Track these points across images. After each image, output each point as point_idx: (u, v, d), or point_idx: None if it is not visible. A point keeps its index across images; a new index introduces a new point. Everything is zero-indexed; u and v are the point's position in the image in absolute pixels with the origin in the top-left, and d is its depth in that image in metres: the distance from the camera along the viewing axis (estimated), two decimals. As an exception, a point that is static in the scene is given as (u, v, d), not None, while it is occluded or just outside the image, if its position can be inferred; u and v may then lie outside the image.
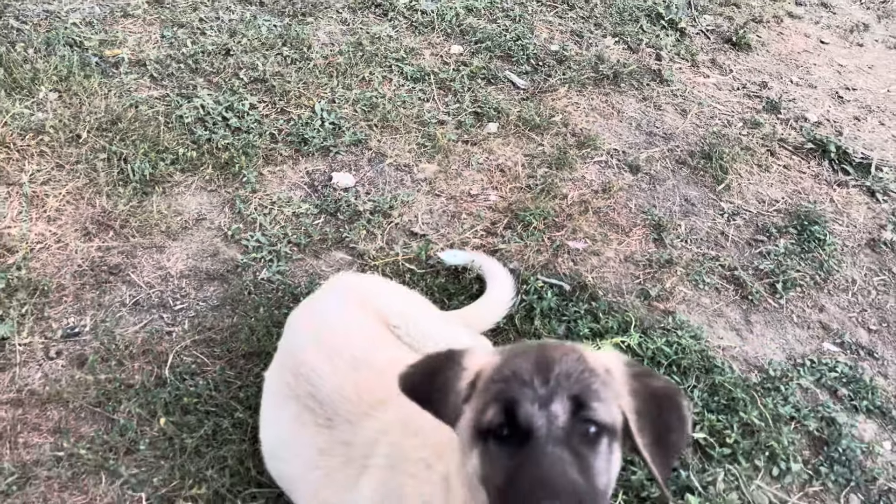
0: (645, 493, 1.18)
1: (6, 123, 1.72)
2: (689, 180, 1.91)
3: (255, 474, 1.17)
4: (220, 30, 2.15)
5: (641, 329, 1.44)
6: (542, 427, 0.75)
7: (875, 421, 1.39)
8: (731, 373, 1.40)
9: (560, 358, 0.76)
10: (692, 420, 1.26)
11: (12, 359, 1.31)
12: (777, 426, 1.32)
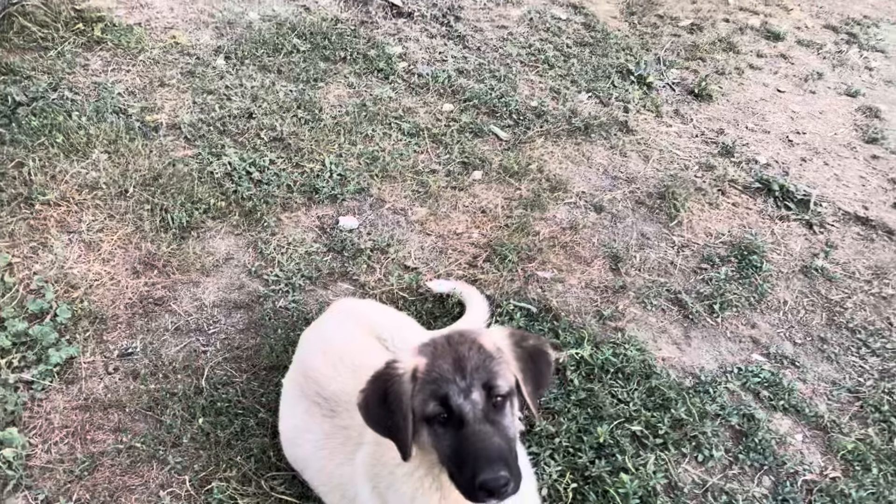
0: (588, 473, 1.47)
1: (66, 181, 2.06)
2: (646, 218, 2.21)
3: (275, 461, 1.46)
4: (243, 95, 2.50)
5: (594, 343, 1.73)
6: (469, 412, 1.05)
7: (790, 417, 1.67)
8: (667, 378, 1.69)
9: (469, 354, 1.06)
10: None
11: (79, 374, 1.63)
12: (703, 421, 1.60)
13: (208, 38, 2.78)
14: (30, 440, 1.47)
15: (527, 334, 1.17)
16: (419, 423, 1.08)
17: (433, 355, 1.10)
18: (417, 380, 1.09)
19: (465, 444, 1.04)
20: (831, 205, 2.36)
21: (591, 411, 1.58)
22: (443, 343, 1.10)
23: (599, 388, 1.63)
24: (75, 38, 2.67)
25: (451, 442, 1.06)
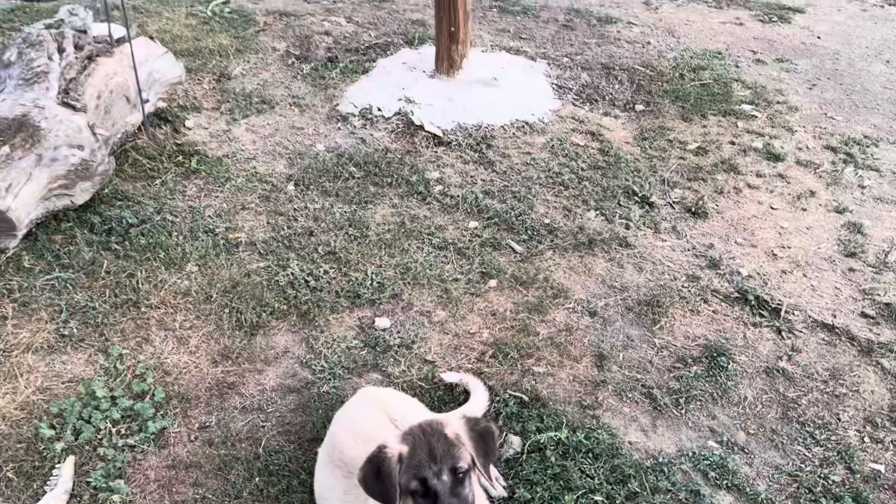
0: None
1: (165, 289, 2.63)
2: (632, 322, 2.63)
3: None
4: (307, 216, 3.07)
5: (571, 428, 2.14)
6: (441, 489, 1.50)
7: (732, 495, 2.02)
8: (630, 458, 2.07)
9: (438, 445, 1.50)
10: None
11: (169, 440, 2.13)
12: (654, 494, 1.97)
13: (282, 168, 3.40)
14: (132, 490, 1.96)
15: (478, 419, 1.62)
16: (404, 495, 1.53)
17: (413, 444, 1.56)
18: (402, 462, 1.54)
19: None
20: (802, 313, 2.72)
21: (562, 483, 1.98)
22: (419, 434, 1.56)
23: (571, 465, 2.02)
24: (176, 169, 3.32)
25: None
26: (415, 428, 1.57)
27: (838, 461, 2.14)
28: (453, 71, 4.02)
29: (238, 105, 3.88)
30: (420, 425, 1.57)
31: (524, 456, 2.04)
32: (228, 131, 3.67)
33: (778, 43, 5.25)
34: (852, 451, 2.17)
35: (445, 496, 1.48)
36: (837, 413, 2.30)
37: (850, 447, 2.18)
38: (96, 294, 2.57)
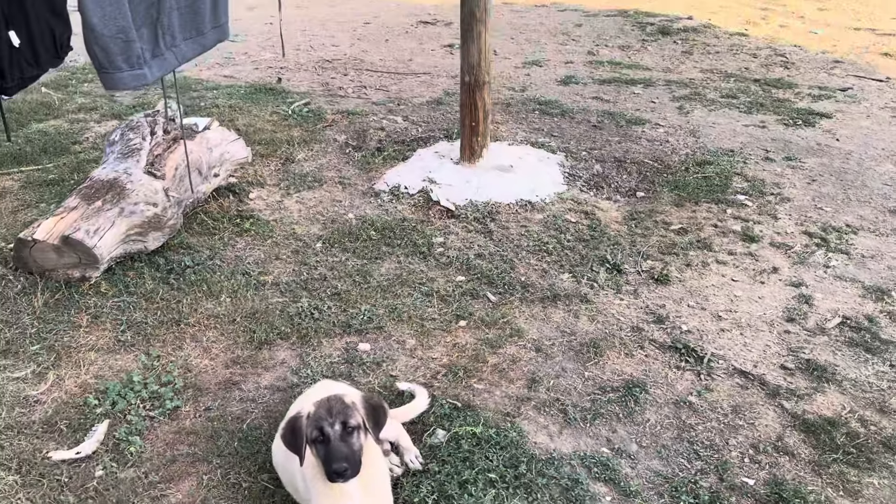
0: (450, 493, 2.36)
1: (201, 313, 3.36)
2: (570, 359, 3.12)
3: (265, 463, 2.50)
4: (325, 266, 3.77)
5: (487, 426, 2.65)
6: (333, 436, 2.06)
7: (607, 486, 2.45)
8: (529, 452, 2.56)
9: (335, 405, 2.08)
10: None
11: (180, 416, 2.78)
12: (539, 477, 2.44)
13: (316, 230, 4.15)
14: (144, 444, 2.62)
15: (371, 395, 2.19)
16: (310, 444, 2.10)
17: (318, 406, 2.14)
18: (309, 418, 2.13)
19: (328, 451, 2.05)
20: (726, 362, 3.13)
21: (467, 463, 2.48)
22: (324, 401, 2.13)
23: (478, 451, 2.52)
24: (232, 228, 4.13)
25: (323, 451, 2.07)
26: (323, 398, 2.16)
27: (713, 472, 2.53)
28: (474, 159, 4.73)
29: (294, 183, 4.72)
30: (328, 396, 2.15)
31: (444, 444, 2.57)
32: (281, 202, 4.48)
33: (793, 144, 5.69)
34: (729, 467, 2.55)
35: (336, 440, 2.04)
36: (727, 439, 2.69)
37: (728, 463, 2.56)
38: (150, 314, 3.33)
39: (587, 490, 2.40)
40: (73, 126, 5.83)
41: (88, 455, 2.53)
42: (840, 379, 3.01)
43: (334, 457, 1.99)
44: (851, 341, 3.26)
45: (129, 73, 2.52)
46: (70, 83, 7.09)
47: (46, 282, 3.46)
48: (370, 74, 7.77)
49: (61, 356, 3.03)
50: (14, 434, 2.62)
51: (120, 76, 2.49)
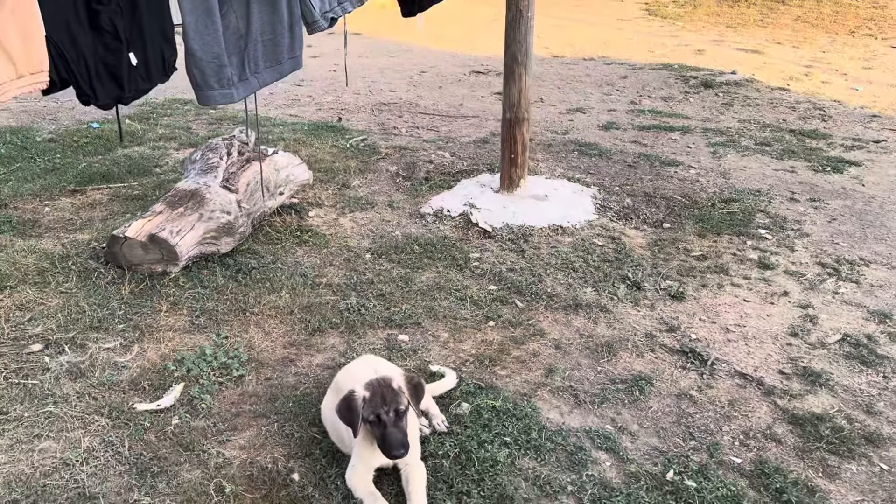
0: (470, 449, 2.75)
1: (264, 304, 3.85)
2: (586, 356, 3.50)
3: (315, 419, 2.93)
4: (372, 273, 4.24)
5: (506, 401, 3.05)
6: (387, 421, 2.46)
7: (606, 454, 2.81)
8: (541, 424, 2.93)
9: (388, 394, 2.51)
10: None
11: (243, 381, 3.25)
12: (548, 443, 2.82)
13: (366, 244, 4.64)
14: (213, 401, 3.08)
15: (412, 374, 2.62)
16: (364, 423, 2.53)
17: (372, 391, 2.56)
18: (365, 403, 2.55)
19: (385, 435, 2.47)
20: (728, 365, 3.47)
21: (486, 428, 2.88)
22: (376, 385, 2.55)
23: (496, 419, 2.92)
24: (293, 240, 4.65)
25: (380, 432, 2.49)
26: (373, 380, 2.58)
27: (704, 451, 2.86)
28: (512, 188, 5.19)
29: (348, 205, 5.24)
30: (377, 379, 2.57)
31: (467, 414, 2.97)
32: (336, 220, 5.00)
33: (819, 187, 6.00)
34: (719, 447, 2.88)
35: (390, 424, 2.45)
36: (721, 426, 3.02)
37: (719, 445, 2.90)
38: (220, 304, 3.84)
39: (589, 455, 2.77)
40: (154, 152, 6.50)
41: (167, 408, 3.00)
42: (833, 384, 3.31)
43: (392, 444, 2.40)
44: (849, 355, 3.56)
45: (220, 91, 3.07)
46: (152, 116, 7.85)
47: (132, 274, 4.01)
48: (423, 116, 8.35)
49: (144, 333, 3.54)
50: (105, 389, 3.12)
51: (212, 94, 3.04)
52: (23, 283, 3.93)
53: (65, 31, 2.56)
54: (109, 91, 2.72)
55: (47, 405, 2.97)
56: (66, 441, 2.78)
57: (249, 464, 2.68)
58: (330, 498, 2.52)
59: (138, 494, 2.51)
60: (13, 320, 3.58)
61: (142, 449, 2.75)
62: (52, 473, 2.61)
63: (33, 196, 5.27)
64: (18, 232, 4.61)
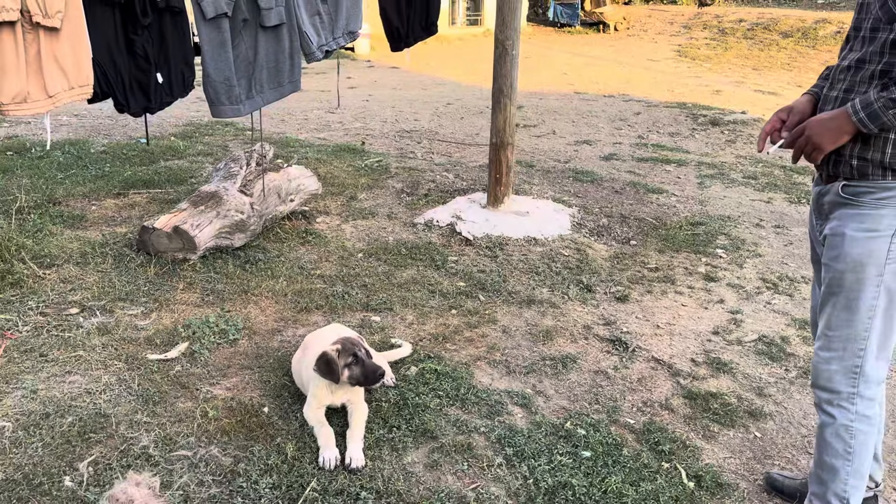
0: (405, 402, 3.40)
1: (263, 288, 4.58)
2: (527, 339, 4.11)
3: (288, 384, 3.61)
4: (360, 268, 4.93)
5: (445, 366, 3.68)
6: (363, 358, 3.13)
7: (521, 409, 3.42)
8: (470, 384, 3.56)
9: (355, 340, 3.14)
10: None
11: (237, 344, 3.96)
12: (473, 396, 3.44)
13: (361, 245, 5.35)
14: (210, 355, 3.79)
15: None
16: (346, 368, 3.21)
17: (342, 344, 3.19)
18: (340, 353, 3.22)
19: (365, 367, 3.12)
20: (647, 352, 4.05)
21: (426, 385, 3.52)
22: (343, 340, 3.22)
23: (434, 379, 3.56)
24: (298, 240, 5.39)
25: (360, 369, 3.16)
26: (339, 339, 3.25)
27: (605, 413, 3.44)
28: (497, 204, 5.86)
29: (352, 214, 5.97)
30: (342, 338, 3.23)
31: (413, 376, 3.62)
32: (339, 226, 5.73)
33: (788, 216, 6.53)
34: (618, 411, 3.46)
35: (367, 360, 3.12)
36: (626, 396, 3.60)
37: (619, 409, 3.48)
38: (227, 286, 4.57)
39: (506, 409, 3.38)
40: (192, 165, 7.36)
41: (172, 358, 3.71)
42: (735, 372, 3.87)
43: (373, 370, 3.02)
44: (760, 351, 4.10)
45: (229, 107, 3.83)
46: (194, 135, 8.76)
47: (158, 259, 4.78)
48: (440, 143, 9.10)
49: (162, 305, 4.28)
50: (125, 343, 3.85)
51: (223, 108, 3.80)
52: (67, 262, 4.73)
53: (107, 54, 3.35)
54: (140, 102, 3.50)
55: (77, 351, 3.71)
56: (89, 377, 3.50)
57: (231, 399, 3.36)
58: (290, 425, 3.18)
59: (141, 415, 3.21)
60: (57, 290, 4.36)
61: (148, 385, 3.45)
62: (77, 398, 3.33)
63: (83, 196, 6.13)
64: (68, 224, 5.44)
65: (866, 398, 2.17)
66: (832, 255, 2.09)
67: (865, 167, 2.06)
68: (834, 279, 2.09)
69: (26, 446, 2.93)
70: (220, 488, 2.74)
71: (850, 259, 2.04)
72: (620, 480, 2.84)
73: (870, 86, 2.06)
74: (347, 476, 2.82)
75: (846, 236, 2.05)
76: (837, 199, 2.10)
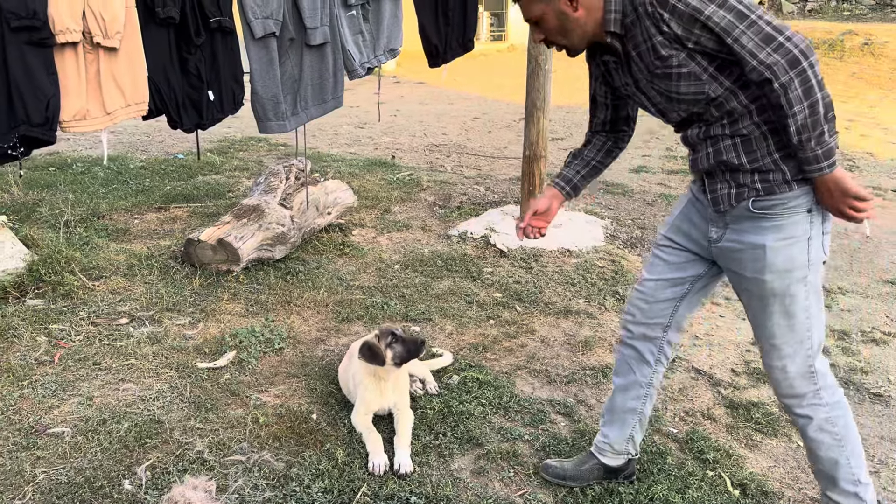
0: (452, 406, 3.47)
1: (305, 298, 4.67)
2: (567, 349, 4.16)
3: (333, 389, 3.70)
4: (398, 279, 5.02)
5: (487, 374, 3.75)
6: (402, 335, 3.21)
7: (565, 418, 3.48)
8: (513, 392, 3.62)
9: (389, 325, 3.27)
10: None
11: (283, 352, 4.05)
12: (516, 405, 3.50)
13: (397, 257, 5.44)
14: (258, 363, 3.89)
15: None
16: (387, 348, 3.30)
17: (380, 331, 3.33)
18: (379, 337, 3.32)
19: (405, 343, 3.21)
20: (687, 363, 4.09)
21: (469, 394, 3.59)
22: (380, 329, 3.34)
23: (476, 387, 3.63)
24: (336, 251, 5.49)
25: (402, 346, 3.25)
26: (377, 328, 3.36)
27: (648, 422, 3.50)
28: (530, 216, 5.92)
29: (387, 226, 6.07)
30: (378, 328, 3.35)
31: (456, 385, 3.69)
32: (375, 238, 5.83)
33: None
34: (661, 420, 3.50)
35: (405, 335, 3.19)
36: (667, 405, 3.64)
37: (662, 418, 3.52)
38: (270, 297, 4.68)
39: (548, 417, 3.44)
40: (229, 180, 7.52)
41: (221, 366, 3.82)
42: (776, 382, 3.88)
43: (414, 343, 3.16)
44: (799, 361, 4.11)
45: (276, 122, 3.94)
46: (230, 151, 8.93)
47: (202, 271, 4.90)
48: (469, 157, 9.19)
49: (208, 315, 4.39)
50: (175, 352, 3.96)
51: (270, 124, 3.92)
52: (115, 274, 4.86)
53: (161, 73, 3.48)
54: (192, 118, 3.62)
55: (129, 360, 3.82)
56: (142, 384, 3.61)
57: (280, 406, 3.45)
58: (338, 431, 3.26)
59: (194, 421, 3.31)
60: (107, 301, 4.49)
61: (199, 393, 3.55)
62: (131, 405, 3.43)
63: (125, 211, 6.29)
64: (112, 237, 5.59)
65: (829, 387, 2.27)
66: (756, 268, 2.11)
67: (771, 187, 2.03)
68: (764, 290, 2.12)
69: (85, 451, 3.03)
70: (275, 492, 2.81)
71: (776, 268, 2.08)
72: (666, 488, 2.88)
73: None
74: (397, 481, 2.89)
75: (767, 248, 2.08)
76: (747, 214, 2.10)
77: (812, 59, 1.82)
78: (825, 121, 1.87)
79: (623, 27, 2.02)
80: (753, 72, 1.87)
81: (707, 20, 1.87)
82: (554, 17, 2.06)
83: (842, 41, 19.82)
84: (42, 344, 3.89)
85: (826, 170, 1.94)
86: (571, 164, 2.52)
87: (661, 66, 1.99)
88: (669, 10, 1.89)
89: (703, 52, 1.94)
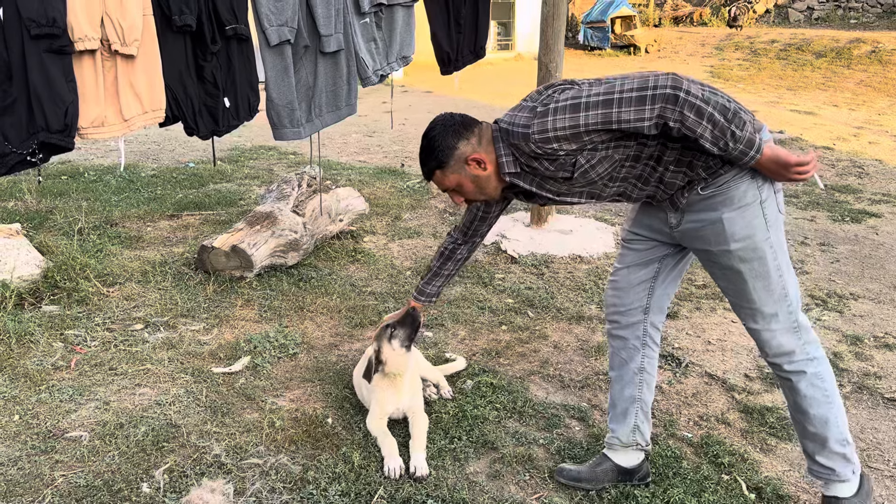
0: (466, 411, 3.48)
1: (318, 304, 4.70)
2: (580, 355, 4.17)
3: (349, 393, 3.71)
4: (410, 285, 5.03)
5: (501, 379, 3.76)
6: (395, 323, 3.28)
7: (579, 423, 3.48)
8: (527, 397, 3.63)
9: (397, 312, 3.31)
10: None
11: (297, 357, 4.07)
12: (531, 410, 3.51)
13: (408, 264, 5.46)
14: (273, 368, 3.91)
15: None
16: (387, 342, 3.31)
17: (375, 335, 3.35)
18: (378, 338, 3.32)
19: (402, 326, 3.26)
20: (700, 367, 4.09)
21: (483, 398, 3.60)
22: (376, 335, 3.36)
23: (490, 391, 3.64)
24: (348, 258, 5.52)
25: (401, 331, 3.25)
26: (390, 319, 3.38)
27: (662, 426, 3.49)
28: (541, 223, 5.95)
29: (398, 233, 6.10)
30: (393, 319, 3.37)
31: (470, 389, 3.70)
32: (386, 245, 5.86)
33: (832, 234, 6.51)
34: (675, 425, 3.51)
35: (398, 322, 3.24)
36: (681, 410, 3.64)
37: (676, 423, 3.52)
38: (283, 303, 4.71)
39: (563, 422, 3.45)
40: (240, 188, 7.56)
41: (236, 371, 3.84)
42: (789, 387, 3.88)
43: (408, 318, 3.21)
44: (812, 366, 4.11)
45: (290, 129, 3.98)
46: (240, 159, 8.98)
47: (216, 277, 4.93)
48: (478, 164, 9.19)
49: (222, 321, 4.42)
50: (190, 357, 3.99)
51: (285, 131, 3.95)
52: (129, 280, 4.90)
53: (178, 80, 3.52)
54: (208, 125, 3.66)
55: (145, 365, 3.85)
56: (158, 389, 3.63)
57: (296, 410, 3.47)
58: (353, 435, 3.27)
59: (211, 425, 3.33)
60: (122, 307, 4.52)
61: (215, 397, 3.57)
62: (148, 409, 3.46)
63: (138, 218, 6.33)
64: (126, 245, 5.63)
65: (813, 342, 2.38)
66: (720, 241, 2.20)
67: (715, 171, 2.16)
68: (733, 259, 2.21)
69: (104, 454, 3.05)
70: (292, 495, 2.83)
71: (738, 236, 2.17)
72: (682, 492, 2.88)
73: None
74: (413, 484, 2.90)
75: (724, 219, 2.17)
76: (698, 198, 2.21)
77: (684, 87, 1.92)
78: (728, 122, 1.96)
79: (519, 166, 2.22)
80: (651, 129, 2.01)
81: (587, 127, 2.02)
82: (469, 181, 2.29)
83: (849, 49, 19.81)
84: (58, 349, 3.92)
85: (756, 155, 2.04)
86: (432, 281, 3.11)
87: (574, 170, 2.16)
88: (555, 141, 2.06)
89: (602, 140, 2.10)
